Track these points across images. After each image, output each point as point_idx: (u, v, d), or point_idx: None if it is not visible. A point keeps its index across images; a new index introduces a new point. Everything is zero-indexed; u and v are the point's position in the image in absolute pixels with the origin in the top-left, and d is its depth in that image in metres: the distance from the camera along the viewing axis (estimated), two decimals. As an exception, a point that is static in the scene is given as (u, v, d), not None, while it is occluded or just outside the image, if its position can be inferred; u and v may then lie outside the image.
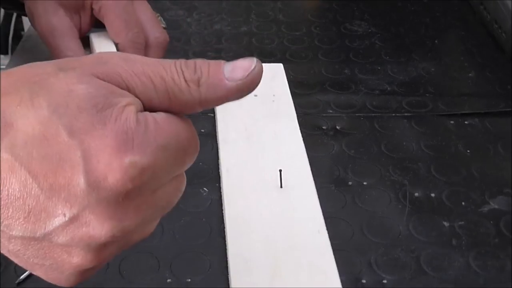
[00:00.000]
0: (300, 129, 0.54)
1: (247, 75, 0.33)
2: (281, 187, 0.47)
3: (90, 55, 0.31)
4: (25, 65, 0.30)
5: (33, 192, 0.26)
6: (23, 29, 1.26)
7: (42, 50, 0.67)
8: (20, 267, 0.41)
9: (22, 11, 0.61)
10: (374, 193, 0.49)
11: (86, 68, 0.29)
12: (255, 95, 0.58)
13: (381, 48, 0.70)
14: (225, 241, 0.44)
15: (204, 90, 0.32)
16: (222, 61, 0.33)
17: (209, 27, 0.73)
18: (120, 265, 0.42)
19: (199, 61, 0.33)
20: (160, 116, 0.29)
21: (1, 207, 0.26)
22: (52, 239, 0.27)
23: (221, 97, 0.32)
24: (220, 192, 0.48)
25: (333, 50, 0.69)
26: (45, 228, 0.27)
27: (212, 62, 0.33)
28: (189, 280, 0.41)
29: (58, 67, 0.29)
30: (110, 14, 0.57)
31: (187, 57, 0.66)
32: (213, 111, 0.57)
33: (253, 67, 0.33)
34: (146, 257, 0.43)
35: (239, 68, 0.33)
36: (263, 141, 0.52)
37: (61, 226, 0.27)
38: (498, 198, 0.48)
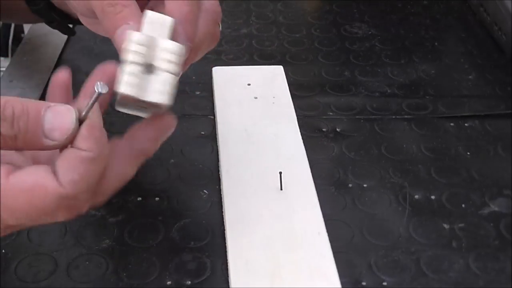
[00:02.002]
0: (300, 131, 0.54)
1: (65, 139, 0.33)
2: (281, 189, 0.47)
3: None
4: None
5: None
6: (23, 32, 1.26)
7: (42, 53, 0.67)
8: (20, 267, 0.41)
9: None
10: (374, 195, 0.49)
11: None
12: (255, 97, 0.58)
13: (381, 50, 0.70)
14: (225, 243, 0.44)
15: (21, 143, 0.33)
16: (43, 108, 0.34)
17: (209, 29, 0.73)
18: (120, 267, 0.42)
19: (18, 110, 0.33)
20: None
21: None
22: None
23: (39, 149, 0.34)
24: (220, 194, 0.48)
25: (333, 52, 0.69)
26: None
27: (33, 111, 0.34)
28: (189, 282, 0.41)
29: None
30: None
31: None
32: (213, 113, 0.57)
33: (71, 130, 0.33)
34: (146, 259, 0.43)
35: (57, 130, 0.33)
36: (263, 143, 0.52)
37: None
38: (498, 200, 0.48)
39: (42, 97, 0.59)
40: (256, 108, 0.57)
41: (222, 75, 0.62)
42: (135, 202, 0.47)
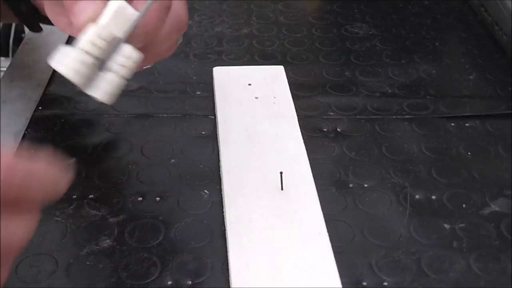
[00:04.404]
0: (301, 131, 0.54)
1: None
2: (282, 189, 0.47)
3: None
4: None
5: None
6: (23, 32, 1.26)
7: (43, 53, 0.67)
8: (20, 269, 0.41)
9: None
10: (375, 195, 0.49)
11: None
12: (256, 97, 0.58)
13: (382, 50, 0.70)
14: (226, 243, 0.44)
15: None
16: None
17: (210, 29, 0.73)
18: (120, 267, 0.42)
19: None
20: None
21: None
22: None
23: None
24: (221, 194, 0.48)
25: (334, 52, 0.69)
26: None
27: None
28: (190, 282, 0.41)
29: None
30: None
31: (188, 59, 0.66)
32: (213, 113, 0.57)
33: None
34: (146, 259, 0.43)
35: None
36: (264, 143, 0.52)
37: None
38: (499, 200, 0.48)
39: (43, 97, 0.59)
40: (257, 108, 0.57)
41: (222, 75, 0.62)
42: (136, 202, 0.47)
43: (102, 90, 0.38)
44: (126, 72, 0.38)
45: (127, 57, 0.38)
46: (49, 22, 0.50)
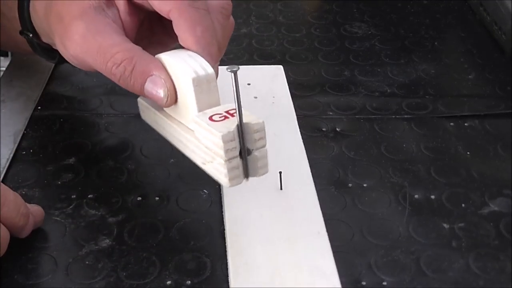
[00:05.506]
0: (300, 131, 0.54)
1: None
2: (281, 188, 0.47)
3: None
4: None
5: None
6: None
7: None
8: (20, 269, 0.41)
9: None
10: (374, 195, 0.49)
11: None
12: (255, 97, 0.58)
13: (381, 50, 0.70)
14: (225, 242, 0.44)
15: None
16: None
17: (209, 29, 0.73)
18: (120, 267, 0.42)
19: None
20: None
21: None
22: None
23: None
24: (220, 194, 0.48)
25: (333, 52, 0.69)
26: None
27: None
28: (189, 282, 0.41)
29: None
30: None
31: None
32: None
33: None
34: (145, 259, 0.43)
35: None
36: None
37: None
38: (498, 200, 0.48)
39: (42, 97, 0.59)
40: (256, 107, 0.57)
41: (222, 74, 0.61)
42: (135, 202, 0.47)
43: (261, 167, 0.40)
44: (263, 142, 0.40)
45: (257, 131, 0.39)
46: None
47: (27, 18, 0.51)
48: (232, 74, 0.38)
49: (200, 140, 0.40)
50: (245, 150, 0.39)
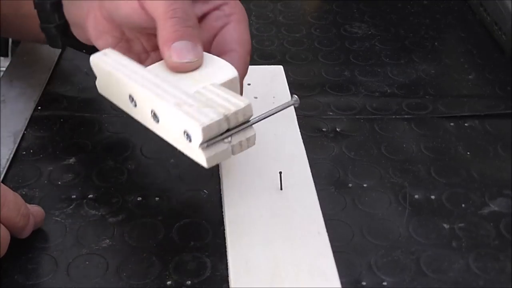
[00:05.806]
0: (300, 131, 0.54)
1: None
2: (281, 189, 0.47)
3: None
4: None
5: None
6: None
7: (42, 53, 0.67)
8: (20, 269, 0.41)
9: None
10: (374, 195, 0.49)
11: None
12: (255, 97, 0.58)
13: (381, 50, 0.70)
14: (225, 243, 0.44)
15: None
16: None
17: (209, 29, 0.73)
18: (120, 266, 0.42)
19: None
20: None
21: None
22: None
23: None
24: (220, 194, 0.48)
25: (333, 52, 0.69)
26: None
27: None
28: (189, 282, 0.41)
29: None
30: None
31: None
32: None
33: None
34: (146, 259, 0.43)
35: None
36: (263, 143, 0.52)
37: None
38: (498, 200, 0.48)
39: (42, 97, 0.59)
40: (256, 108, 0.56)
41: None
42: (135, 202, 0.47)
43: (214, 157, 0.40)
44: (238, 150, 0.41)
45: (247, 138, 0.42)
46: (72, 45, 0.56)
47: None
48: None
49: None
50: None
